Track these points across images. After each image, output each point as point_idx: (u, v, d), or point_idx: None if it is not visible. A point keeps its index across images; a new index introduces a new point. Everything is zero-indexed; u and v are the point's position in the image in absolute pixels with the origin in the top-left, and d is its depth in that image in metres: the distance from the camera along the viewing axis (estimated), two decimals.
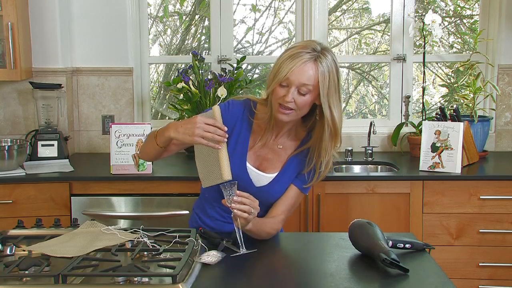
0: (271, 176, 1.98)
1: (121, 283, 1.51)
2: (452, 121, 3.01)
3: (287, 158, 1.99)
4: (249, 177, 1.96)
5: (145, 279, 1.53)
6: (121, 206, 2.90)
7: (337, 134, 1.91)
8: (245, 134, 1.98)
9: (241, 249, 1.70)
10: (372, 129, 3.34)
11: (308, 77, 1.81)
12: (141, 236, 1.82)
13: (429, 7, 3.71)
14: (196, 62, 3.30)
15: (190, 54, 3.38)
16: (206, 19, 3.77)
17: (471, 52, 3.42)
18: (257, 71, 3.94)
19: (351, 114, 3.93)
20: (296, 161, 1.99)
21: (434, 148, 2.93)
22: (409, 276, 1.63)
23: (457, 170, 2.87)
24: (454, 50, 3.83)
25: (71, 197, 2.90)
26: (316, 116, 1.95)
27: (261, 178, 1.97)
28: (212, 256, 1.73)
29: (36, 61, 3.37)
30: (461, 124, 2.90)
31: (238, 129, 1.97)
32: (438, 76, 3.96)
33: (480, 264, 2.90)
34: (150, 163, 2.91)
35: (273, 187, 1.98)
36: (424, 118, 3.35)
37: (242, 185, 1.90)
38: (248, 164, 1.96)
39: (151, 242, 1.77)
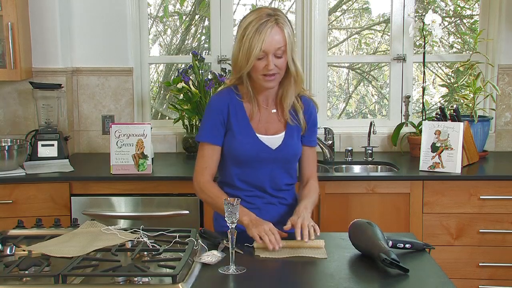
0: (281, 135, 2.14)
1: (121, 283, 1.51)
2: (452, 121, 3.00)
3: (285, 117, 2.14)
4: (264, 144, 2.11)
5: (145, 279, 1.53)
6: (121, 206, 2.90)
7: (301, 80, 2.10)
8: (242, 113, 2.12)
9: (230, 267, 1.68)
10: (372, 129, 3.34)
11: (278, 40, 1.98)
12: (141, 236, 1.82)
13: (429, 7, 3.71)
14: (196, 62, 3.30)
15: (190, 54, 3.37)
16: (206, 19, 3.77)
17: (471, 52, 3.42)
18: None
19: (351, 114, 3.92)
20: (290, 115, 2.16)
21: (434, 148, 2.93)
22: (409, 276, 1.63)
23: (457, 170, 2.87)
24: (454, 50, 3.83)
25: (71, 197, 2.90)
26: None
27: (274, 140, 2.13)
28: (212, 256, 1.74)
29: (36, 61, 3.37)
30: (461, 124, 2.90)
31: (234, 111, 2.11)
32: (438, 76, 3.96)
33: (480, 264, 2.90)
34: (150, 163, 2.91)
35: (287, 143, 2.14)
36: (424, 118, 3.35)
37: (262, 153, 2.09)
38: (257, 134, 2.12)
39: (151, 242, 1.78)
